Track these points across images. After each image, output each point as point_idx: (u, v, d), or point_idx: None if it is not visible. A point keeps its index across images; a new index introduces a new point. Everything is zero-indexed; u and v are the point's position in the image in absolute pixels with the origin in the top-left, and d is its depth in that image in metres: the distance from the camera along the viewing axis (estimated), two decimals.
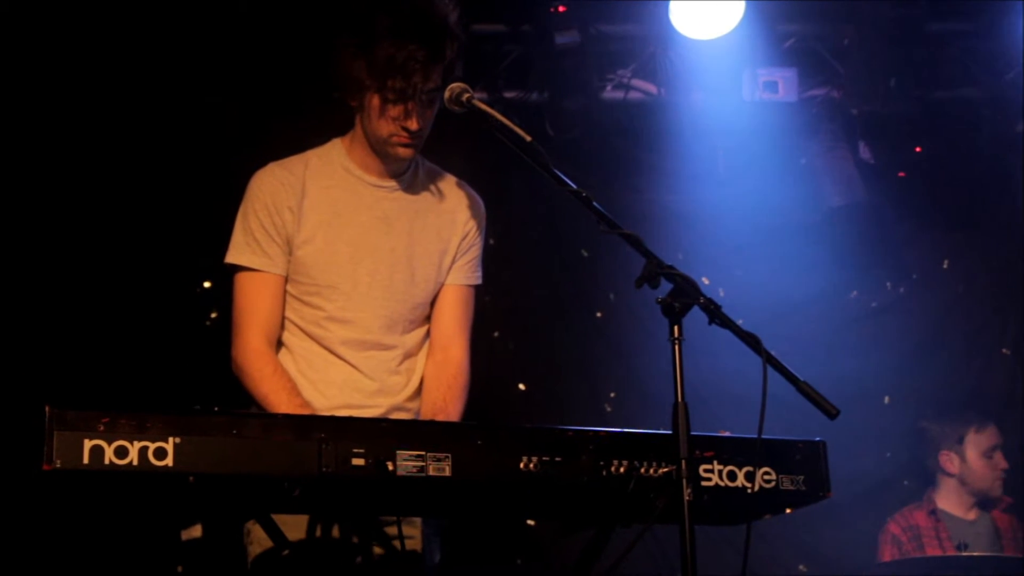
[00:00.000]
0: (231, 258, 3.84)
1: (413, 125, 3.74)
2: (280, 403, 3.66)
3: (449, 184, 4.05)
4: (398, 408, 3.88)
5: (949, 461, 6.39)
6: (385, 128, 3.76)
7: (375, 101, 3.74)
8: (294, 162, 3.91)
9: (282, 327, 3.86)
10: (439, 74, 3.72)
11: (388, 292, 3.88)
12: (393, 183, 3.93)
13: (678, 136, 6.64)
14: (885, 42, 6.44)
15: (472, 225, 4.03)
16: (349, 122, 3.92)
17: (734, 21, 6.25)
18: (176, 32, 5.85)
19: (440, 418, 3.84)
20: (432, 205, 3.99)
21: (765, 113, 6.60)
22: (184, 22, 5.80)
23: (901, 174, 7.08)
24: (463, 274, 4.03)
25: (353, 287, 3.85)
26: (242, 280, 3.84)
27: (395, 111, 3.72)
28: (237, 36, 5.93)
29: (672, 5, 6.25)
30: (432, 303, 4.00)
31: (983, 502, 6.38)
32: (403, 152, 3.81)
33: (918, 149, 7.03)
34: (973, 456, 6.36)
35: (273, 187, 3.84)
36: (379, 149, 3.84)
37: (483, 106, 3.67)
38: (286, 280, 3.85)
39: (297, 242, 3.82)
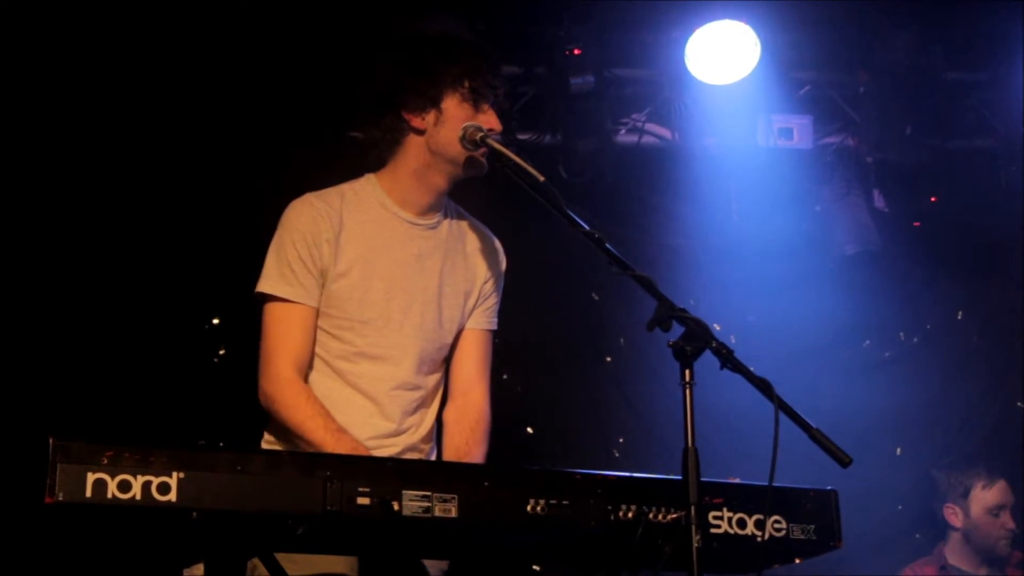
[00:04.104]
0: (264, 287, 3.79)
1: (498, 126, 3.76)
2: (317, 428, 3.62)
3: (474, 228, 4.06)
4: (412, 448, 3.86)
5: (953, 514, 6.33)
6: None
7: (456, 110, 3.76)
8: (331, 194, 3.88)
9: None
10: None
11: (419, 331, 3.86)
12: (428, 221, 3.92)
13: (692, 181, 6.63)
14: (901, 91, 6.44)
15: (493, 272, 4.04)
16: (372, 161, 3.91)
17: (749, 67, 6.26)
18: (192, 71, 5.86)
19: (464, 461, 3.81)
20: (459, 247, 3.99)
21: (779, 159, 6.59)
22: (202, 54, 5.81)
23: (916, 223, 7.06)
24: (484, 319, 4.03)
25: (385, 323, 3.82)
26: (274, 310, 3.78)
27: (479, 118, 3.74)
28: (252, 77, 5.94)
29: (688, 50, 6.26)
30: (452, 346, 3.99)
31: (990, 559, 6.30)
32: (486, 162, 3.79)
33: (933, 199, 7.01)
34: (977, 512, 6.28)
35: (312, 218, 3.80)
36: (459, 162, 3.79)
37: (497, 145, 3.69)
38: (317, 313, 3.82)
39: (332, 275, 3.79)
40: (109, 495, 2.76)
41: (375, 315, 3.81)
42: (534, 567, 5.18)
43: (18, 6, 5.49)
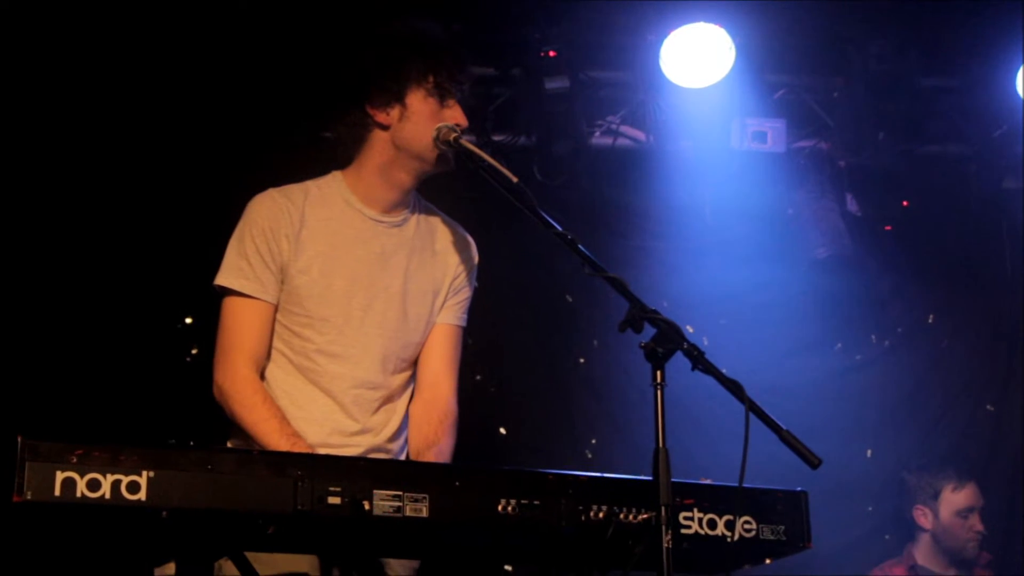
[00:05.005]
0: (222, 280, 3.78)
1: (464, 120, 3.75)
2: (271, 431, 3.61)
3: (444, 224, 4.05)
4: (378, 449, 3.85)
5: (923, 516, 6.35)
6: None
7: (421, 105, 3.75)
8: (294, 190, 3.88)
9: (268, 357, 3.82)
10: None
11: (380, 329, 3.85)
12: (393, 219, 3.91)
13: (666, 183, 6.64)
14: (874, 95, 6.46)
15: (463, 268, 4.02)
16: (339, 158, 3.91)
17: (724, 70, 6.27)
18: (167, 69, 5.84)
19: (432, 452, 3.82)
20: (427, 244, 3.98)
21: (753, 162, 6.60)
22: (178, 53, 5.78)
23: (888, 227, 7.09)
24: (452, 314, 4.01)
25: (346, 321, 3.81)
26: (232, 304, 3.78)
27: (444, 113, 3.75)
28: (228, 75, 5.92)
29: (663, 53, 6.27)
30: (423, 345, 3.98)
31: (959, 560, 6.32)
32: (452, 158, 3.77)
33: (905, 203, 7.04)
34: (947, 514, 6.31)
35: (273, 213, 3.80)
36: (425, 157, 3.78)
37: (470, 146, 3.69)
38: (276, 309, 3.81)
39: (292, 272, 3.78)
40: (78, 494, 2.75)
41: (335, 313, 3.81)
42: (505, 567, 5.19)
43: None
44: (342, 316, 3.81)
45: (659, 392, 3.08)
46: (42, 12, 5.55)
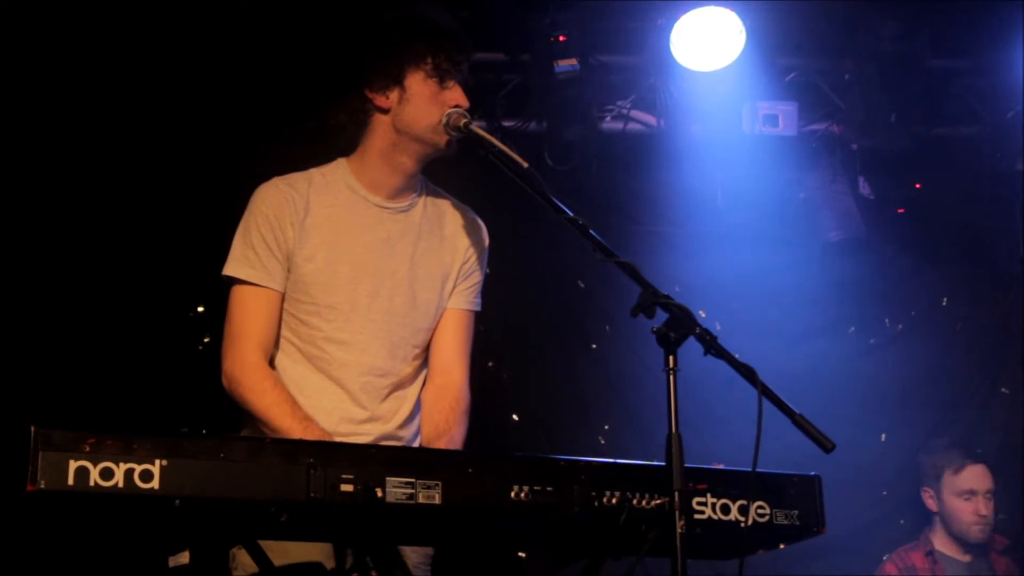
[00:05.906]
0: (229, 270, 3.79)
1: (465, 101, 3.75)
2: (284, 415, 3.61)
3: (453, 208, 4.03)
4: (388, 436, 3.84)
5: (931, 498, 6.35)
6: (436, 113, 3.74)
7: (420, 87, 3.75)
8: (298, 178, 3.88)
9: (277, 347, 3.82)
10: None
11: (388, 315, 3.84)
12: (398, 204, 3.90)
13: (677, 168, 6.62)
14: (886, 78, 6.43)
15: (474, 251, 4.01)
16: (343, 145, 3.91)
17: (735, 54, 6.25)
18: (178, 58, 5.84)
19: (443, 440, 3.81)
20: (435, 229, 3.97)
21: (765, 146, 6.58)
22: (179, 42, 5.78)
23: (900, 210, 7.07)
24: (464, 298, 4.00)
25: (352, 308, 3.81)
26: (239, 293, 3.78)
27: (444, 94, 3.75)
28: (238, 63, 5.92)
29: (673, 36, 6.25)
30: (434, 330, 3.97)
31: (971, 545, 6.29)
32: (453, 137, 3.76)
33: (918, 185, 7.02)
34: (949, 496, 6.29)
35: (277, 201, 3.80)
36: (426, 139, 3.79)
37: (481, 132, 3.69)
38: (283, 297, 3.81)
39: (298, 260, 3.78)
40: (91, 483, 2.75)
41: (341, 300, 3.80)
42: (519, 554, 5.20)
43: None
44: (348, 303, 3.81)
45: (672, 377, 3.07)
46: (45, 3, 5.55)
